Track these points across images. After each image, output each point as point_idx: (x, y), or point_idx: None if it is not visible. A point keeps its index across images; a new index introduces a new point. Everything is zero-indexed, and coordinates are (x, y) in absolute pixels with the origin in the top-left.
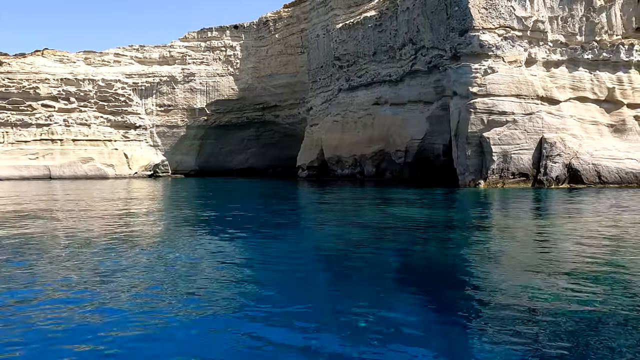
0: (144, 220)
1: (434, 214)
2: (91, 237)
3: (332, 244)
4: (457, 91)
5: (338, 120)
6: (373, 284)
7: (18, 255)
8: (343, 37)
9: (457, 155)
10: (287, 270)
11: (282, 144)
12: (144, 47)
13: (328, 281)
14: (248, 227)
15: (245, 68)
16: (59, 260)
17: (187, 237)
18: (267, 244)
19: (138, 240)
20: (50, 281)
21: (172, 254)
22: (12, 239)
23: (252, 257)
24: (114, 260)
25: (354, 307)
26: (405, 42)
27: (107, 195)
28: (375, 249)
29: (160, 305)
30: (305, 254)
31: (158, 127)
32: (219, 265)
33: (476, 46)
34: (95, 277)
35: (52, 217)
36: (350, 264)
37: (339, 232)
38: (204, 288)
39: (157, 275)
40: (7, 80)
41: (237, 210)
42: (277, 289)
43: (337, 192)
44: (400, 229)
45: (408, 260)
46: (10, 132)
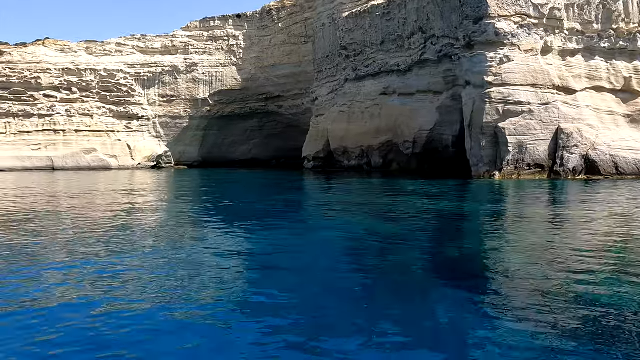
0: (159, 215)
1: (457, 205)
2: (98, 231)
3: (362, 238)
4: (470, 81)
5: (344, 111)
6: (405, 279)
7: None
8: (350, 26)
9: (471, 146)
10: (313, 264)
11: (286, 135)
12: (146, 36)
13: (357, 276)
14: (266, 220)
15: (248, 58)
16: (66, 258)
17: (203, 232)
18: (285, 237)
19: (158, 238)
20: (61, 280)
21: (190, 250)
22: (17, 239)
23: (278, 250)
24: (124, 256)
25: (380, 300)
26: (414, 30)
27: (114, 187)
28: (404, 242)
29: (174, 300)
30: (330, 248)
31: (161, 117)
32: (233, 260)
33: (491, 34)
34: (103, 275)
35: (62, 218)
36: (384, 260)
37: (370, 226)
38: (220, 285)
39: (179, 276)
40: (8, 70)
41: (251, 202)
42: (303, 282)
43: (348, 183)
44: (426, 221)
45: (439, 253)
46: (13, 122)
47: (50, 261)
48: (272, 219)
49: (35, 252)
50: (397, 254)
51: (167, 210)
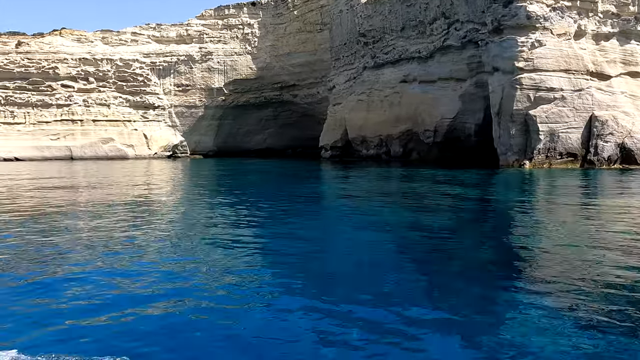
0: (196, 214)
1: (494, 195)
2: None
3: (406, 230)
4: (499, 67)
5: (363, 99)
6: (450, 272)
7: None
8: (368, 12)
9: (499, 134)
10: (348, 255)
11: (301, 124)
12: (161, 25)
13: (398, 266)
14: (296, 212)
15: (263, 46)
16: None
17: (243, 232)
18: (323, 230)
19: (202, 245)
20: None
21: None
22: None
23: (318, 247)
24: (151, 253)
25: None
26: (436, 16)
27: (142, 179)
28: (450, 233)
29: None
30: (376, 240)
31: (176, 107)
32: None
33: (522, 18)
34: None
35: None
36: (429, 253)
37: (413, 218)
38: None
39: (210, 279)
40: (26, 60)
41: (278, 195)
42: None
43: (371, 173)
44: (469, 211)
45: (485, 244)
46: (32, 112)
47: (81, 262)
48: (303, 211)
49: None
50: (445, 247)
51: (200, 206)
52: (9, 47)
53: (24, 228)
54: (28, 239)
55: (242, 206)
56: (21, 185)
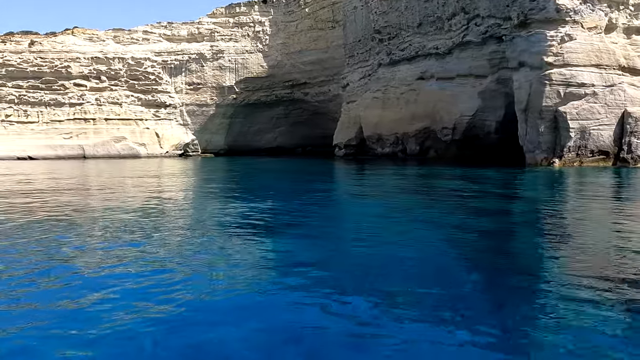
0: (217, 218)
1: (532, 195)
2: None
3: (453, 230)
4: (526, 62)
5: (378, 97)
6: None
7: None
8: (383, 8)
9: (526, 131)
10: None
11: (312, 123)
12: (172, 24)
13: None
14: (325, 215)
15: (274, 44)
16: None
17: (267, 237)
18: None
19: (226, 249)
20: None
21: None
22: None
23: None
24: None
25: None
26: (456, 11)
27: (151, 181)
28: (507, 235)
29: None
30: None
31: (188, 105)
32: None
33: (552, 11)
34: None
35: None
36: (486, 256)
37: (459, 221)
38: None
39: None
40: (39, 59)
41: (301, 196)
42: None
43: (392, 172)
44: (513, 214)
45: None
46: (45, 111)
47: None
48: (330, 213)
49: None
50: (500, 248)
51: (224, 210)
52: (22, 46)
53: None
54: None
55: (266, 211)
56: (36, 183)
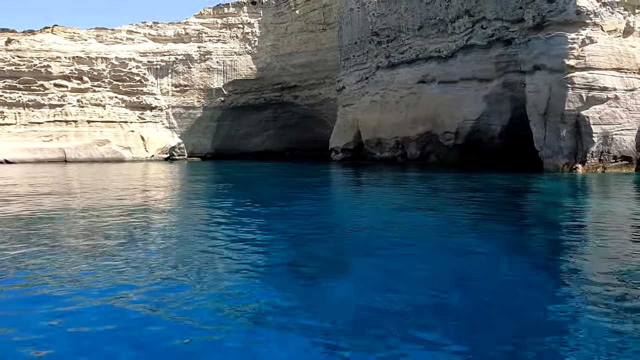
0: (221, 236)
1: (589, 207)
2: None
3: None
4: (545, 64)
5: (377, 100)
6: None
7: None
8: (382, 10)
9: (545, 135)
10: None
11: (300, 126)
12: (158, 23)
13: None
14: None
15: (263, 46)
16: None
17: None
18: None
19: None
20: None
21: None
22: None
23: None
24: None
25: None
26: (459, 14)
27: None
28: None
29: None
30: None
31: (174, 108)
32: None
33: (572, 13)
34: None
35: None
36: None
37: (514, 236)
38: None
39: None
40: (17, 58)
41: (310, 209)
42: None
43: (400, 178)
44: (559, 227)
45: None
46: (23, 113)
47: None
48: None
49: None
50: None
51: (227, 224)
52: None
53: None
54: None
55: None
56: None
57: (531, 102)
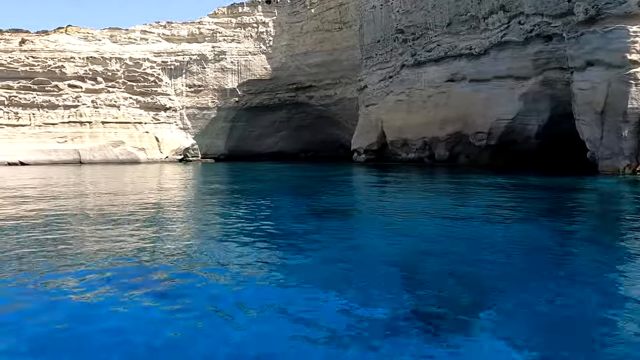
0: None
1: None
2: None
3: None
4: (601, 60)
5: (402, 99)
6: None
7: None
8: (407, 7)
9: (602, 135)
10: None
11: (314, 127)
12: (172, 23)
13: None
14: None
15: (278, 46)
16: None
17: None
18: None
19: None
20: None
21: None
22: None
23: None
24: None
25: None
26: (493, 9)
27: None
28: None
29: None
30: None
31: (188, 108)
32: None
33: (633, 5)
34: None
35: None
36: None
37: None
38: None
39: None
40: (31, 59)
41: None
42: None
43: (451, 181)
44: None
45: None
46: (37, 114)
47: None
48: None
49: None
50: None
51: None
52: (12, 44)
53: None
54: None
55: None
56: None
57: (583, 99)
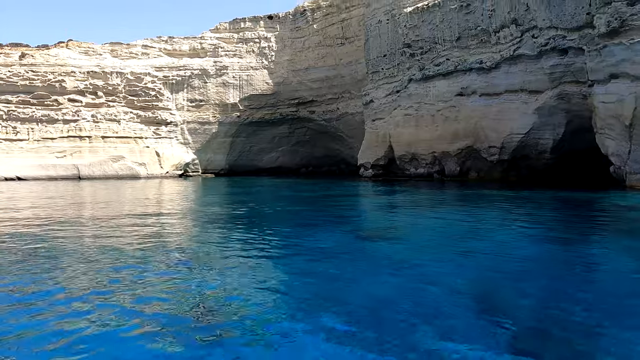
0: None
1: None
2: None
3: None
4: (628, 72)
5: (411, 114)
6: None
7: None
8: (414, 21)
9: (630, 149)
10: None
11: (314, 142)
12: (173, 38)
13: None
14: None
15: (280, 61)
16: None
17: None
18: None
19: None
20: None
21: None
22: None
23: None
24: None
25: None
26: (505, 23)
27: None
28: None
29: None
30: None
31: (189, 123)
32: None
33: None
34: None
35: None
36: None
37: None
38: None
39: None
40: (30, 73)
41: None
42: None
43: (488, 198)
44: None
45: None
46: (36, 128)
47: None
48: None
49: None
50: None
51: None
52: (12, 58)
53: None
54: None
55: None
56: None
57: (607, 113)
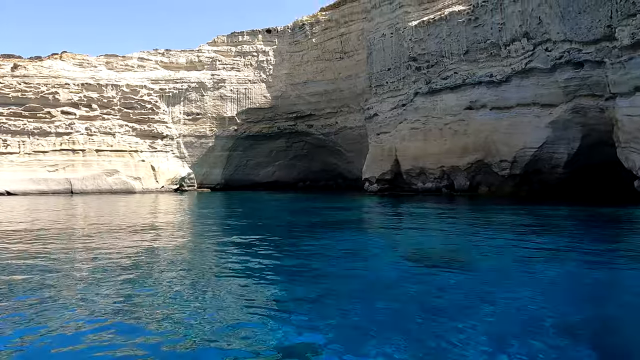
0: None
1: None
2: None
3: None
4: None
5: (418, 128)
6: None
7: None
8: (420, 35)
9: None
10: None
11: (311, 156)
12: (170, 51)
13: None
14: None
15: (278, 74)
16: None
17: None
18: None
19: None
20: None
21: None
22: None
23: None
24: None
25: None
26: (516, 36)
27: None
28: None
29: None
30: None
31: (185, 137)
32: None
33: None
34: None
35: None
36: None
37: None
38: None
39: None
40: (23, 84)
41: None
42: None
43: (523, 216)
44: None
45: None
46: (27, 141)
47: None
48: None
49: None
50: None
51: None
52: (4, 70)
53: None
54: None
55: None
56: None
57: (633, 126)
